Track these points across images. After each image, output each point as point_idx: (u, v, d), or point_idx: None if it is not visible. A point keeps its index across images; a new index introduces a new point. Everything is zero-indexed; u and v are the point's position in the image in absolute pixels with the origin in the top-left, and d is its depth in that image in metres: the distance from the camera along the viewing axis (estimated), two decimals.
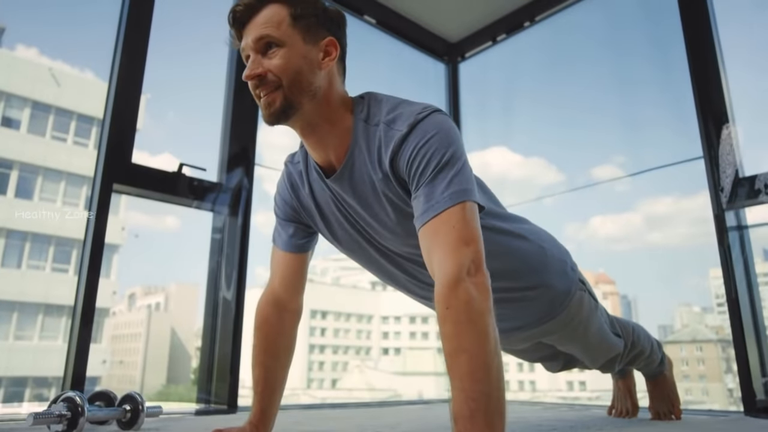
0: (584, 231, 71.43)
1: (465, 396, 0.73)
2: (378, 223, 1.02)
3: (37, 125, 16.48)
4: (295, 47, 0.96)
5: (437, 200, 0.87)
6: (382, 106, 1.00)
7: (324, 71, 0.99)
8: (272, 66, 0.95)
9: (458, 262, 0.82)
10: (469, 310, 0.78)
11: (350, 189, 1.01)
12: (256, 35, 0.96)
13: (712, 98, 2.05)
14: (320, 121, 0.99)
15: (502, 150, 4.14)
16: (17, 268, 15.25)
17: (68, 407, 1.12)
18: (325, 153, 1.02)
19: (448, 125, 0.95)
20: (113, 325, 24.53)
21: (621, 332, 1.45)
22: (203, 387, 1.98)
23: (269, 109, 0.96)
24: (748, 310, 1.92)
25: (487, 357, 0.76)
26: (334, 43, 1.00)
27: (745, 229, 2.00)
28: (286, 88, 0.95)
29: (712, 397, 23.82)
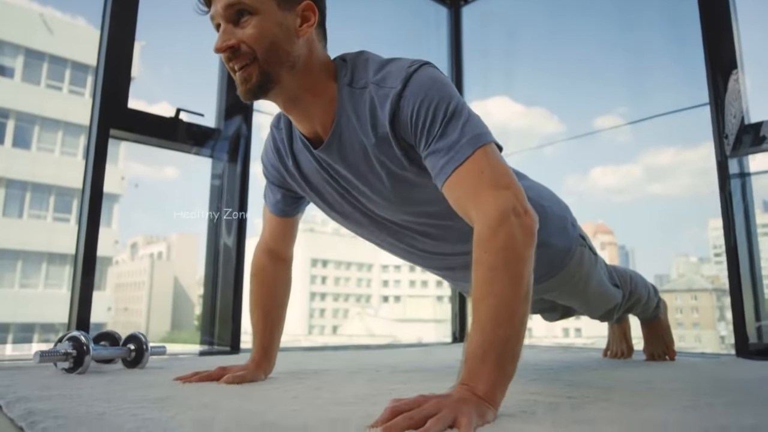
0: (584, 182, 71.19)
1: (482, 338, 0.71)
2: (372, 191, 0.98)
3: (32, 74, 16.17)
4: (270, 14, 0.88)
5: (456, 150, 0.82)
6: (368, 66, 0.94)
7: (302, 39, 0.92)
8: (245, 36, 0.88)
9: (498, 205, 0.78)
10: (508, 254, 0.75)
11: (340, 159, 0.96)
12: (225, 2, 0.88)
13: (722, 45, 2.01)
14: (302, 92, 0.93)
15: (503, 99, 4.06)
16: (19, 217, 15.31)
17: (73, 345, 1.14)
18: (311, 124, 0.97)
19: (442, 76, 0.91)
20: (117, 274, 24.85)
21: (619, 282, 1.46)
22: (206, 330, 2.02)
23: (245, 85, 0.90)
24: (746, 259, 1.94)
25: (515, 304, 0.73)
26: (312, 7, 0.92)
27: (748, 177, 2.00)
28: (261, 61, 0.88)
29: (704, 344, 24.41)
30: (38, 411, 0.72)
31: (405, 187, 0.95)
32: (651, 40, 2.84)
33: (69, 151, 16.61)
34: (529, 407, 0.78)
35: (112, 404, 0.79)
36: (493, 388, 0.69)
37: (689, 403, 0.84)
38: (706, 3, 2.05)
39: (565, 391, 0.96)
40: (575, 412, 0.75)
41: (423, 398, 0.67)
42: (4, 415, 0.75)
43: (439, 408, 0.64)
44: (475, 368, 0.70)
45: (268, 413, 0.73)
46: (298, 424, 0.65)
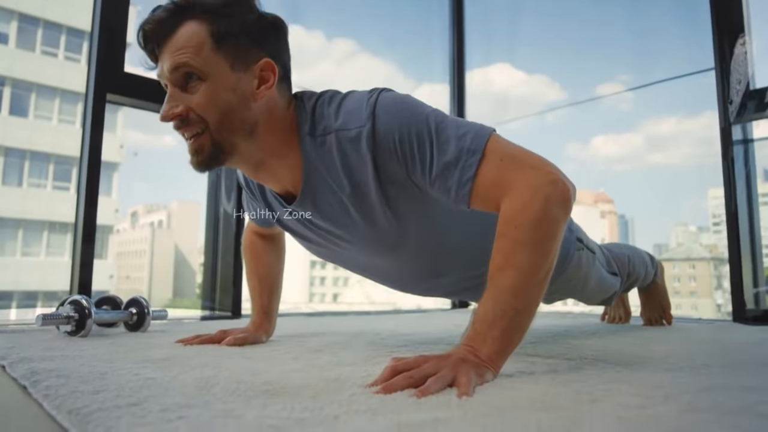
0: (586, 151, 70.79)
1: (495, 305, 0.70)
2: (354, 237, 0.91)
3: (26, 40, 15.90)
4: (222, 78, 0.79)
5: (465, 161, 0.75)
6: (325, 109, 0.84)
7: (260, 101, 0.82)
8: (194, 104, 0.79)
9: (531, 181, 0.73)
10: (539, 229, 0.71)
11: (317, 212, 0.89)
12: (171, 63, 0.79)
13: (730, 8, 1.97)
14: (265, 156, 0.85)
15: (505, 66, 4.01)
16: (18, 186, 15.27)
17: (75, 309, 1.15)
18: (280, 184, 0.90)
19: (405, 96, 0.83)
20: (118, 243, 24.93)
21: (618, 269, 1.44)
22: (208, 297, 2.03)
23: (197, 157, 0.81)
24: (746, 226, 1.94)
25: (535, 280, 0.71)
26: (271, 65, 0.82)
27: (751, 143, 1.98)
28: (214, 130, 0.79)
29: (700, 312, 24.68)
30: (41, 371, 0.72)
31: (387, 233, 0.88)
32: (655, 6, 2.78)
33: (67, 119, 16.46)
34: (528, 368, 0.79)
35: (115, 365, 0.79)
36: (496, 353, 0.69)
37: (686, 364, 0.84)
38: None
39: (564, 354, 0.97)
40: (573, 373, 0.75)
41: (423, 358, 0.67)
42: (8, 375, 0.76)
43: (438, 367, 0.65)
44: (482, 332, 0.70)
45: (269, 373, 0.73)
46: (298, 383, 0.65)
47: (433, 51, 3.05)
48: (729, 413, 0.52)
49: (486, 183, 0.75)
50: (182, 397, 0.57)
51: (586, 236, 1.28)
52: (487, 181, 0.75)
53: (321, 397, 0.57)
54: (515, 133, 2.96)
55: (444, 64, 2.97)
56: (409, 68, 3.21)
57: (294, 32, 0.92)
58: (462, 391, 0.60)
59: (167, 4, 0.82)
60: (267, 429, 0.45)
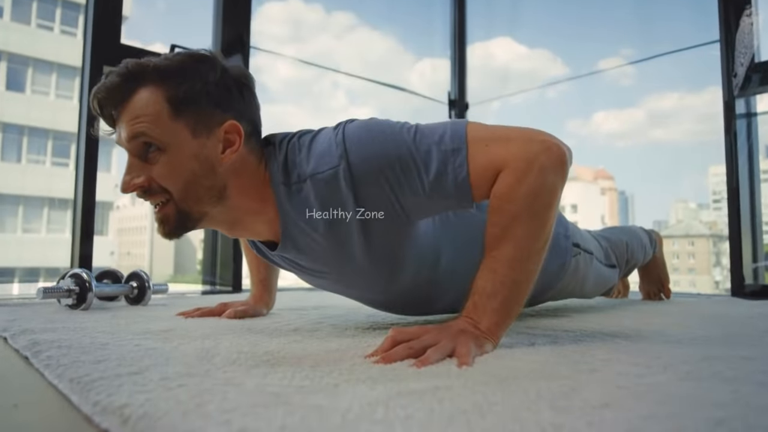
0: (586, 127, 70.42)
1: (493, 277, 0.70)
2: (341, 274, 0.88)
3: (21, 12, 15.67)
4: (182, 147, 0.74)
5: (452, 162, 0.73)
6: (296, 156, 0.79)
7: (227, 164, 0.77)
8: (155, 174, 0.74)
9: (522, 152, 0.71)
10: (535, 201, 0.70)
11: (301, 255, 0.86)
12: (128, 133, 0.74)
13: None
14: (238, 215, 0.81)
15: (507, 41, 3.96)
16: (17, 162, 15.21)
17: (76, 282, 1.15)
18: (260, 237, 0.87)
19: (369, 121, 0.78)
20: (118, 219, 24.94)
21: (617, 259, 1.43)
22: (208, 272, 2.04)
23: (164, 227, 0.78)
24: (747, 202, 1.93)
25: (533, 252, 0.71)
26: (236, 127, 0.77)
27: (754, 117, 1.97)
28: (178, 200, 0.76)
29: (698, 288, 24.84)
30: (42, 341, 0.73)
31: (372, 269, 0.85)
32: None
33: (64, 94, 16.31)
34: (528, 340, 0.79)
35: (116, 336, 0.80)
36: (495, 325, 0.69)
37: (684, 336, 0.85)
38: None
39: (563, 326, 0.97)
40: (573, 344, 0.76)
41: (423, 329, 0.68)
42: (10, 347, 0.76)
43: (438, 338, 0.65)
44: (481, 303, 0.70)
45: (269, 343, 0.74)
46: (299, 353, 0.66)
47: (433, 25, 3.01)
48: (728, 381, 0.52)
49: (480, 172, 0.73)
50: (183, 366, 0.58)
51: (582, 237, 1.25)
52: (480, 170, 0.73)
53: (321, 367, 0.58)
54: (517, 108, 2.94)
55: (445, 39, 2.93)
56: (409, 42, 3.17)
57: (293, 6, 0.86)
58: (462, 361, 0.60)
59: (119, 68, 0.76)
60: (267, 396, 0.45)
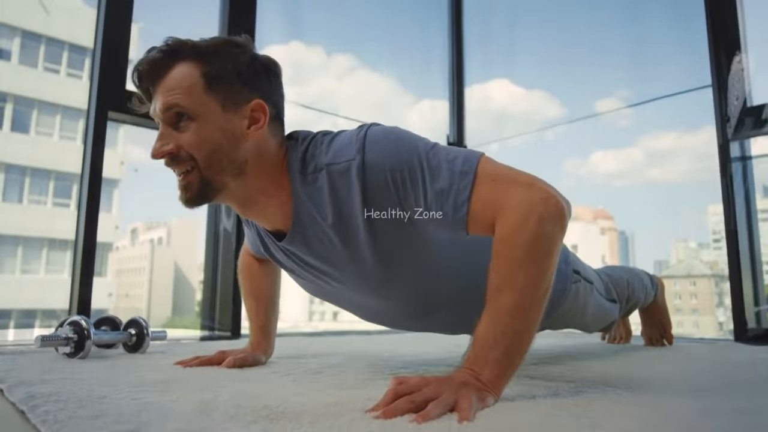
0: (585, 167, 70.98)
1: (494, 326, 0.69)
2: (344, 275, 0.91)
3: (29, 56, 16.02)
4: (212, 118, 0.81)
5: (457, 185, 0.75)
6: (317, 147, 0.85)
7: (251, 141, 0.83)
8: (184, 142, 0.80)
9: (524, 199, 0.73)
10: (535, 248, 0.71)
11: (306, 249, 0.89)
12: (163, 103, 0.81)
13: (726, 25, 1.98)
14: (254, 194, 0.86)
15: (504, 82, 4.03)
16: (19, 202, 15.28)
17: (74, 330, 1.15)
18: (270, 222, 0.91)
19: (393, 128, 0.83)
20: (117, 260, 24.86)
21: (617, 295, 1.43)
22: (207, 315, 2.02)
23: (186, 193, 0.83)
24: (746, 243, 1.94)
25: (534, 299, 0.71)
26: (262, 106, 0.84)
27: (749, 160, 1.99)
28: (203, 168, 0.81)
29: (702, 330, 24.55)
30: (39, 395, 0.72)
31: (376, 268, 0.87)
32: (653, 21, 2.80)
33: (68, 135, 16.51)
34: (529, 391, 0.79)
35: (114, 388, 0.79)
36: (497, 377, 0.69)
37: (687, 386, 0.84)
38: None
39: (565, 376, 0.96)
40: (574, 397, 0.75)
41: (424, 381, 0.67)
42: (6, 399, 0.75)
43: (439, 391, 0.64)
44: (483, 355, 0.69)
45: (268, 396, 0.73)
46: (298, 408, 0.65)
47: (432, 67, 3.08)
48: None
49: (481, 204, 0.75)
50: (181, 422, 0.57)
51: (583, 266, 1.26)
52: (481, 202, 0.75)
53: (321, 422, 0.57)
54: (515, 150, 2.98)
55: (443, 80, 2.99)
56: (409, 84, 3.25)
57: (294, 48, 0.92)
58: (463, 416, 0.59)
59: (161, 46, 0.83)
60: None
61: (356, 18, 2.96)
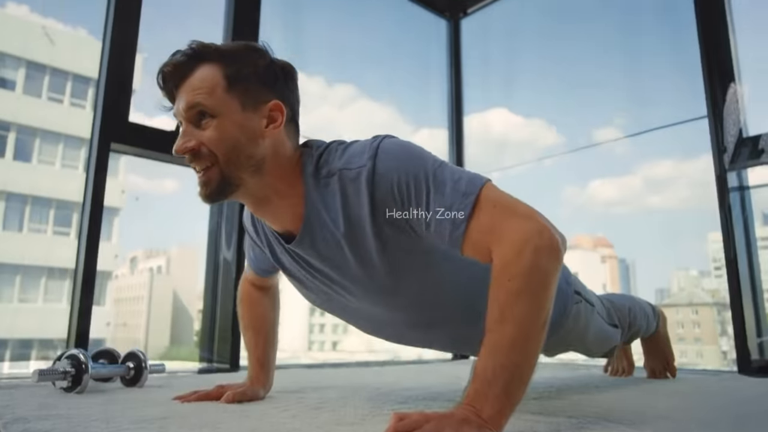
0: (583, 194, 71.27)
1: (494, 361, 0.69)
2: (350, 282, 0.93)
3: (33, 86, 16.21)
4: (232, 116, 0.85)
5: (459, 205, 0.78)
6: (331, 153, 0.89)
7: (268, 140, 0.87)
8: (206, 138, 0.84)
9: (522, 231, 0.74)
10: (531, 280, 0.71)
11: (314, 252, 0.91)
12: (186, 103, 0.85)
13: (720, 56, 2.01)
14: (269, 193, 0.89)
15: (502, 111, 4.07)
16: (18, 231, 15.27)
17: (72, 364, 1.14)
18: (281, 223, 0.93)
19: (407, 142, 0.87)
20: (116, 288, 24.73)
21: (618, 320, 1.44)
22: (205, 347, 2.00)
23: (205, 189, 0.86)
24: (746, 272, 1.93)
25: (533, 332, 0.71)
26: (280, 106, 0.88)
27: (747, 190, 2.00)
28: (222, 164, 0.85)
29: (706, 359, 24.26)
30: (37, 431, 0.71)
31: (383, 276, 0.89)
32: (649, 53, 2.85)
33: (69, 163, 16.61)
34: (531, 428, 0.78)
35: (111, 425, 0.78)
36: (498, 413, 0.68)
37: (690, 420, 0.83)
38: (704, 14, 2.06)
39: (567, 411, 0.95)
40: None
41: (425, 417, 0.66)
42: None
43: (440, 428, 0.64)
44: (483, 390, 0.69)
45: None
46: None
47: (431, 96, 3.12)
48: None
49: (479, 227, 0.77)
50: None
51: (585, 288, 1.27)
52: (480, 225, 0.77)
53: None
54: (514, 179, 3.00)
55: (443, 109, 3.03)
56: (408, 113, 3.30)
57: None
58: None
59: (186, 49, 0.88)
60: None
61: (356, 49, 3.01)
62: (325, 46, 3.01)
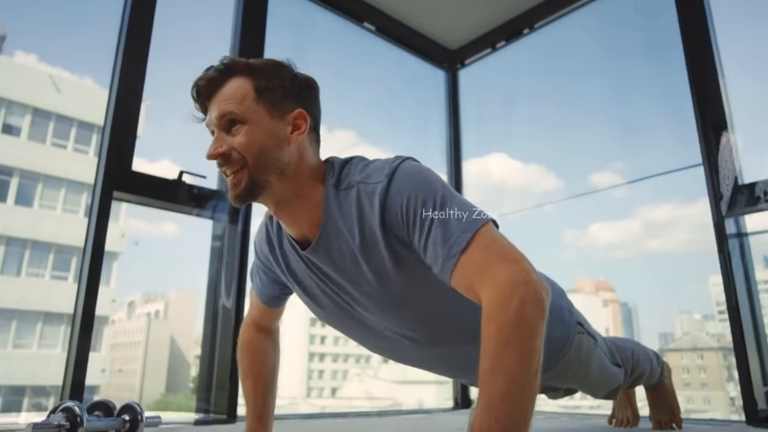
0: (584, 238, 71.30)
1: (489, 413, 0.69)
2: (360, 294, 0.97)
3: (38, 132, 16.48)
4: (260, 123, 0.91)
5: (456, 235, 0.81)
6: (353, 167, 0.95)
7: (293, 146, 0.94)
8: (236, 144, 0.91)
9: (508, 277, 0.76)
10: (518, 329, 0.73)
11: (328, 260, 0.95)
12: (218, 111, 0.92)
13: (711, 105, 2.04)
14: (291, 196, 0.94)
15: (501, 156, 4.13)
16: (17, 275, 15.21)
17: (67, 417, 1.11)
18: (299, 228, 0.97)
19: (424, 168, 0.92)
20: (112, 333, 24.40)
21: (621, 361, 1.43)
22: (202, 396, 1.97)
23: (235, 190, 0.92)
24: (749, 318, 1.91)
25: (525, 382, 0.71)
26: (304, 115, 0.95)
27: (745, 237, 2.00)
28: (251, 167, 0.91)
29: (713, 405, 23.72)
30: None
31: (393, 290, 0.93)
32: (642, 101, 2.92)
33: (71, 208, 16.70)
34: None
35: None
36: None
37: None
38: (694, 63, 2.10)
39: None
40: None
41: None
42: None
43: None
44: None
45: None
46: None
47: (430, 142, 3.17)
48: None
49: (469, 262, 0.80)
50: None
51: (587, 322, 1.28)
52: (470, 260, 0.80)
53: None
54: (514, 224, 3.01)
55: (441, 154, 3.07)
56: None
57: None
58: None
59: (218, 65, 0.95)
60: None
61: (357, 97, 3.08)
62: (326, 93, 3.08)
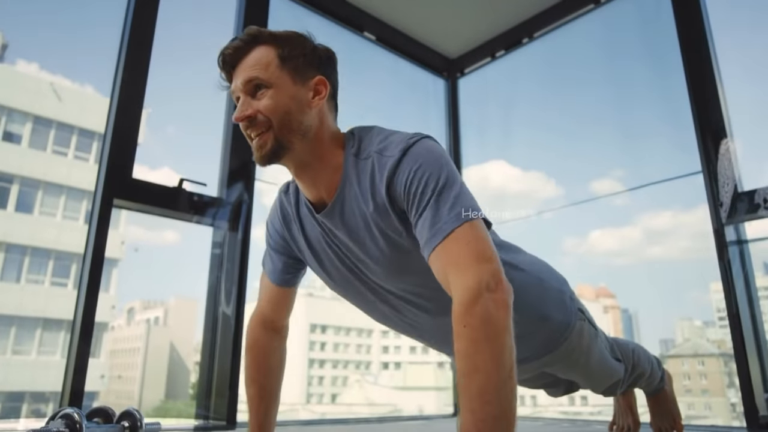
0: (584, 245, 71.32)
1: (474, 417, 0.72)
2: (370, 259, 1.01)
3: (39, 140, 16.51)
4: (284, 88, 0.96)
5: (444, 221, 0.85)
6: (373, 138, 1.00)
7: (314, 110, 0.99)
8: (261, 107, 0.95)
9: (476, 278, 0.80)
10: (486, 328, 0.76)
11: (341, 224, 1.00)
12: (244, 77, 0.97)
13: (710, 113, 2.06)
14: (312, 159, 0.99)
15: (501, 164, 4.13)
16: (16, 282, 15.19)
17: (66, 424, 1.11)
18: (317, 190, 1.02)
19: (440, 150, 0.95)
20: (112, 340, 24.35)
21: (621, 356, 1.44)
22: (202, 403, 1.96)
23: (261, 151, 0.96)
24: (749, 325, 1.91)
25: (500, 379, 0.74)
26: (324, 82, 1.00)
27: (745, 244, 2.00)
28: (276, 129, 0.95)
29: (715, 412, 23.63)
30: None
31: (401, 255, 0.97)
32: (644, 108, 2.92)
33: (71, 215, 16.70)
34: None
35: None
36: None
37: None
38: (693, 71, 2.12)
39: None
40: None
41: None
42: None
43: None
44: None
45: None
46: None
47: None
48: None
49: (446, 253, 0.84)
50: None
51: (588, 311, 1.29)
52: (448, 251, 0.84)
53: None
54: (513, 231, 3.01)
55: None
56: None
57: None
58: None
59: (243, 35, 1.00)
60: None
61: (356, 104, 3.09)
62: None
